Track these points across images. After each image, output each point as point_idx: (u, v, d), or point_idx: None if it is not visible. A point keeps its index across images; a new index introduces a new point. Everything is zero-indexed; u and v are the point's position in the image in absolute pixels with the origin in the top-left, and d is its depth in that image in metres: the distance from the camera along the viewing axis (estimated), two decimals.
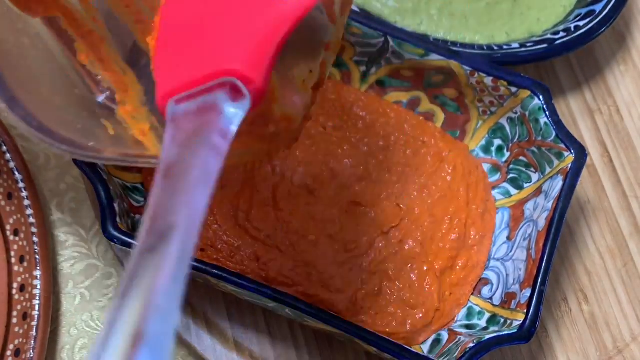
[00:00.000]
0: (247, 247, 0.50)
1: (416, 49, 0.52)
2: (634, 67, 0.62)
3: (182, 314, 0.52)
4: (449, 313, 0.50)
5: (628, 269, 0.56)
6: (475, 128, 0.55)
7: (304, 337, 0.52)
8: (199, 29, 0.29)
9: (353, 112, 0.54)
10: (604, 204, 0.58)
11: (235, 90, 0.26)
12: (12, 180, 0.52)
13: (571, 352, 0.54)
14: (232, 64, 0.26)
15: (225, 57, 0.27)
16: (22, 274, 0.50)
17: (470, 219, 0.53)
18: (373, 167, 0.52)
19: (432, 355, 0.48)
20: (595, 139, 0.59)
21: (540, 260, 0.48)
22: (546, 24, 0.59)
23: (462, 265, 0.52)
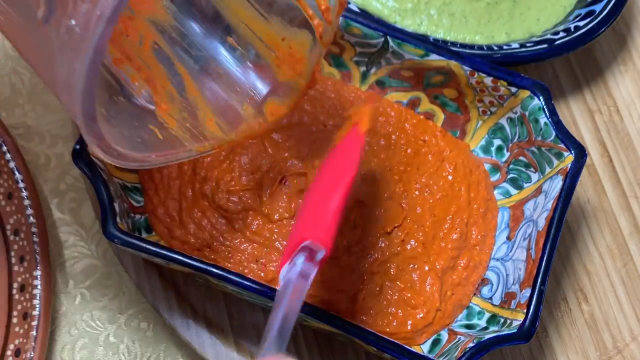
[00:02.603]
0: (245, 248, 0.50)
1: (416, 49, 0.52)
2: (634, 67, 0.62)
3: (182, 314, 0.52)
4: (451, 313, 0.50)
5: (628, 269, 0.56)
6: (475, 128, 0.55)
7: (304, 337, 0.52)
8: (305, 212, 0.44)
9: None
10: (603, 204, 0.58)
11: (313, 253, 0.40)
12: (12, 180, 0.52)
13: (571, 352, 0.54)
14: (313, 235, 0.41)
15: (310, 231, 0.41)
16: (22, 274, 0.50)
17: (472, 219, 0.53)
18: (375, 166, 0.52)
19: (432, 355, 0.48)
20: (595, 139, 0.59)
21: (540, 260, 0.48)
22: (546, 24, 0.59)
23: (463, 265, 0.52)
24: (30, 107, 0.57)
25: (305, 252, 0.40)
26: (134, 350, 0.53)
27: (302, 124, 0.53)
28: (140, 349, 0.53)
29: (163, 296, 0.52)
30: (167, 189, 0.51)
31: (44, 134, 0.56)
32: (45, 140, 0.56)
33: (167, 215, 0.50)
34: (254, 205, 0.50)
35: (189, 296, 0.52)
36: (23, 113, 0.56)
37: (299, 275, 0.40)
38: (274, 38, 0.47)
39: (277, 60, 0.48)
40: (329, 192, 0.42)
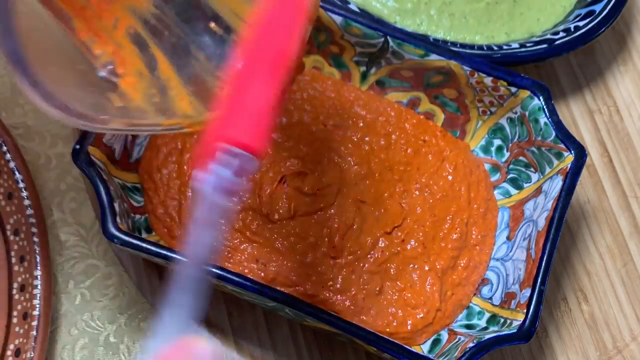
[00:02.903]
0: (245, 248, 0.50)
1: (416, 49, 0.52)
2: (634, 67, 0.62)
3: None
4: (451, 313, 0.50)
5: (628, 269, 0.56)
6: (475, 128, 0.55)
7: (304, 337, 0.52)
8: (228, 103, 0.34)
9: (353, 111, 0.54)
10: (603, 204, 0.58)
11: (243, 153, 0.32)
12: (12, 180, 0.52)
13: (571, 352, 0.54)
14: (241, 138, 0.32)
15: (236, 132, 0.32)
16: (22, 274, 0.50)
17: (472, 219, 0.53)
18: (376, 165, 0.52)
19: (432, 355, 0.48)
20: (595, 139, 0.59)
21: (540, 260, 0.48)
22: (546, 24, 0.59)
23: (464, 265, 0.52)
24: (30, 107, 0.57)
25: (228, 159, 0.32)
26: (134, 350, 0.53)
27: (302, 123, 0.53)
28: (141, 349, 0.53)
29: (163, 296, 0.52)
30: (167, 189, 0.51)
31: (44, 134, 0.56)
32: (46, 140, 0.56)
33: (167, 215, 0.50)
34: (253, 205, 0.50)
35: None
36: (23, 113, 0.56)
37: (221, 192, 0.32)
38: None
39: None
40: (261, 77, 0.33)
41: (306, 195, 0.51)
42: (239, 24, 0.42)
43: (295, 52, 0.34)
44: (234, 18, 0.43)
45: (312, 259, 0.50)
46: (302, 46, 0.36)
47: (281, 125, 0.53)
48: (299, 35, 0.35)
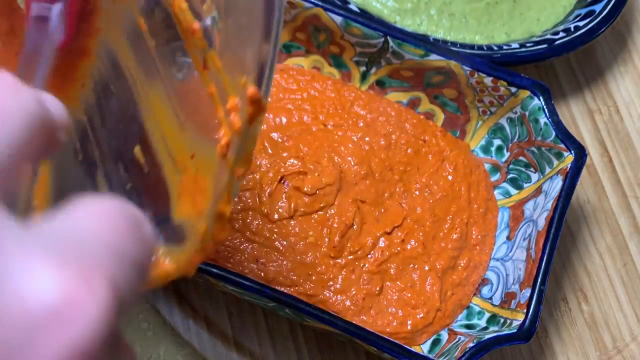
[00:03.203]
0: (245, 248, 0.50)
1: (416, 49, 0.52)
2: (634, 67, 0.62)
3: (182, 314, 0.52)
4: (451, 313, 0.50)
5: (628, 269, 0.56)
6: (475, 128, 0.55)
7: (304, 337, 0.52)
8: None
9: (353, 111, 0.54)
10: (603, 204, 0.58)
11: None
12: None
13: (571, 352, 0.54)
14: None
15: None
16: None
17: (472, 219, 0.53)
18: (376, 165, 0.52)
19: (432, 355, 0.48)
20: (595, 139, 0.59)
21: (540, 260, 0.48)
22: (546, 24, 0.59)
23: (464, 265, 0.52)
24: None
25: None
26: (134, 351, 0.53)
27: (302, 123, 0.53)
28: (140, 349, 0.53)
29: (163, 296, 0.52)
30: None
31: None
32: None
33: None
34: (253, 205, 0.50)
35: (189, 296, 0.52)
36: None
37: (32, 20, 0.32)
38: (184, 154, 0.36)
39: (180, 186, 0.35)
40: None
41: (306, 195, 0.51)
42: (164, 154, 0.37)
43: None
44: (161, 145, 0.37)
45: (312, 259, 0.50)
46: None
47: (281, 125, 0.53)
48: None
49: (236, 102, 0.31)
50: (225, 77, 0.32)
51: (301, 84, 0.54)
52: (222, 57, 0.33)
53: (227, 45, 0.33)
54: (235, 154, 0.31)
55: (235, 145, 0.31)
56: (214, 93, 0.33)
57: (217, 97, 0.33)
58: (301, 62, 0.55)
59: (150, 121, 0.37)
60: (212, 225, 0.32)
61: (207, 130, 0.34)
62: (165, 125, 0.37)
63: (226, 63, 0.33)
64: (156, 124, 0.37)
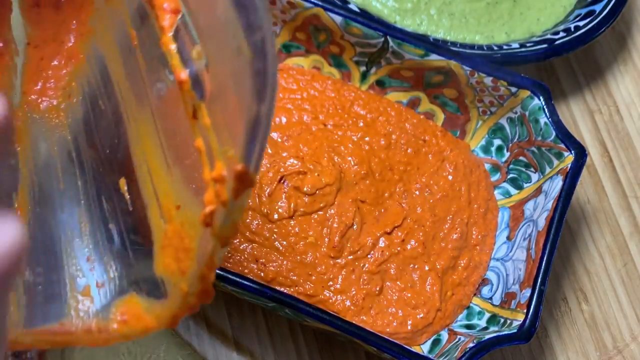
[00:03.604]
0: (245, 248, 0.50)
1: (416, 49, 0.52)
2: (634, 67, 0.62)
3: None
4: (451, 313, 0.50)
5: (628, 269, 0.56)
6: (475, 128, 0.55)
7: (304, 337, 0.52)
8: None
9: (353, 111, 0.54)
10: (604, 204, 0.58)
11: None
12: None
13: (571, 352, 0.54)
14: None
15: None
16: None
17: (472, 219, 0.53)
18: (376, 165, 0.52)
19: (432, 355, 0.48)
20: (595, 139, 0.59)
21: (540, 260, 0.48)
22: (546, 24, 0.59)
23: (464, 265, 0.52)
24: None
25: None
26: (134, 351, 0.53)
27: (302, 123, 0.53)
28: (140, 349, 0.53)
29: None
30: None
31: None
32: None
33: None
34: (253, 205, 0.50)
35: None
36: None
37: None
38: (171, 201, 0.34)
39: (165, 238, 0.33)
40: None
41: (306, 195, 0.51)
42: (152, 199, 0.34)
43: None
44: (148, 186, 0.35)
45: (312, 259, 0.50)
46: None
47: (281, 125, 0.53)
48: None
49: (223, 174, 0.29)
50: (213, 137, 0.30)
51: (301, 84, 0.54)
52: (211, 112, 0.31)
53: (218, 98, 0.31)
54: (220, 224, 0.30)
55: (221, 215, 0.30)
56: (202, 149, 0.31)
57: (204, 155, 0.31)
58: (301, 62, 0.55)
59: (137, 152, 0.35)
60: (195, 287, 0.31)
61: (194, 183, 0.33)
62: (153, 162, 0.35)
63: (215, 120, 0.31)
64: (144, 157, 0.35)
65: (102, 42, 0.37)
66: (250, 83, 0.28)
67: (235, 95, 0.29)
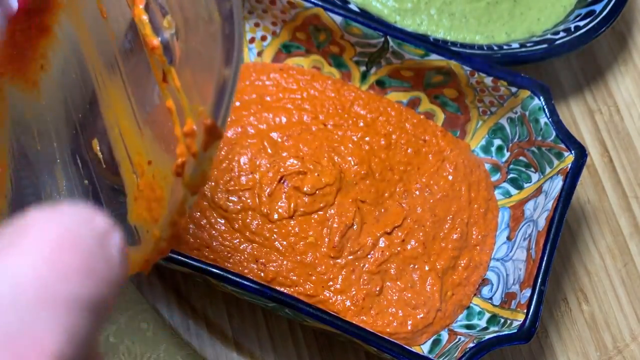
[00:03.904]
0: (244, 248, 0.50)
1: (416, 49, 0.52)
2: (634, 67, 0.62)
3: (182, 314, 0.52)
4: (451, 313, 0.50)
5: (628, 269, 0.56)
6: (475, 128, 0.55)
7: (304, 337, 0.52)
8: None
9: (353, 111, 0.54)
10: (604, 204, 0.58)
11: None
12: None
13: (571, 352, 0.54)
14: None
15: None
16: None
17: (473, 219, 0.53)
18: (376, 165, 0.52)
19: (432, 355, 0.48)
20: (595, 139, 0.59)
21: (540, 260, 0.48)
22: (546, 24, 0.59)
23: (464, 266, 0.52)
24: None
25: None
26: (134, 351, 0.53)
27: (301, 123, 0.53)
28: (140, 349, 0.53)
29: (163, 296, 0.52)
30: None
31: None
32: None
33: None
34: (253, 205, 0.50)
35: (189, 296, 0.52)
36: None
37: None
38: (142, 157, 0.37)
39: (137, 190, 0.36)
40: None
41: (306, 195, 0.51)
42: (124, 157, 0.37)
43: None
44: (120, 145, 0.37)
45: (312, 259, 0.50)
46: None
47: (281, 124, 0.53)
48: None
49: (193, 128, 0.32)
50: (183, 97, 0.33)
51: (301, 84, 0.54)
52: (180, 75, 0.34)
53: (187, 63, 0.34)
54: (190, 174, 0.33)
55: (191, 166, 0.32)
56: (172, 109, 0.34)
57: (175, 114, 0.34)
58: (301, 61, 0.55)
59: (109, 116, 0.38)
60: (167, 232, 0.34)
61: (164, 140, 0.35)
62: (124, 124, 0.37)
63: (184, 82, 0.34)
64: (115, 120, 0.38)
65: (71, 16, 0.39)
66: (220, 47, 0.31)
67: (205, 59, 0.33)
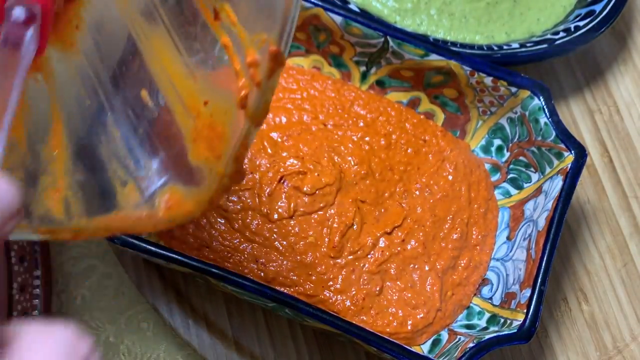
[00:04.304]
0: (244, 248, 0.50)
1: (416, 49, 0.52)
2: (634, 67, 0.62)
3: (182, 314, 0.52)
4: (451, 313, 0.50)
5: (628, 269, 0.56)
6: (475, 128, 0.55)
7: (304, 337, 0.52)
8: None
9: (353, 111, 0.54)
10: (604, 204, 0.58)
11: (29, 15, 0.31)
12: None
13: (571, 352, 0.54)
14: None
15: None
16: (22, 274, 0.50)
17: (473, 219, 0.53)
18: (376, 165, 0.52)
19: (432, 355, 0.48)
20: (595, 139, 0.59)
21: (540, 260, 0.48)
22: (546, 24, 0.59)
23: (464, 265, 0.52)
24: None
25: (13, 14, 0.32)
26: (134, 351, 0.53)
27: (301, 123, 0.53)
28: (140, 349, 0.53)
29: (163, 296, 0.52)
30: None
31: None
32: None
33: None
34: (253, 205, 0.50)
35: (189, 296, 0.52)
36: None
37: (3, 43, 0.31)
38: (196, 100, 0.36)
39: (195, 132, 0.36)
40: None
41: (306, 195, 0.51)
42: (175, 101, 0.37)
43: None
44: (170, 90, 0.37)
45: (312, 259, 0.50)
46: None
47: (281, 124, 0.53)
48: None
49: (256, 58, 0.32)
50: (240, 30, 0.33)
51: (301, 84, 0.54)
52: (236, 10, 0.34)
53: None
54: (255, 105, 0.33)
55: (255, 96, 0.33)
56: (228, 44, 0.34)
57: (232, 49, 0.34)
58: (301, 61, 0.55)
59: (155, 66, 0.37)
60: (231, 168, 0.34)
61: (217, 78, 0.35)
62: (172, 69, 0.37)
63: (241, 16, 0.34)
64: (162, 69, 0.37)
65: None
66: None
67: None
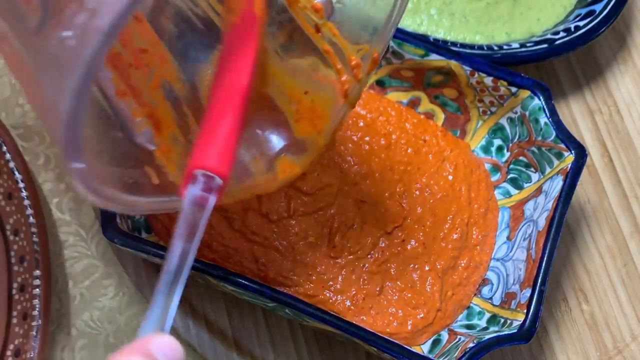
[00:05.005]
0: (244, 248, 0.50)
1: (416, 49, 0.52)
2: (634, 67, 0.62)
3: (182, 314, 0.52)
4: (451, 313, 0.50)
5: (628, 269, 0.56)
6: (475, 128, 0.55)
7: (304, 337, 0.52)
8: (200, 137, 0.38)
9: (353, 110, 0.54)
10: (604, 204, 0.58)
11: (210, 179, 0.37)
12: (12, 180, 0.52)
13: (571, 352, 0.54)
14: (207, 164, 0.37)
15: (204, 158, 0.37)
16: (22, 274, 0.50)
17: (473, 219, 0.53)
18: (376, 165, 0.52)
19: (432, 355, 0.48)
20: (595, 139, 0.59)
21: (540, 260, 0.48)
22: (546, 24, 0.59)
23: (464, 265, 0.52)
24: (30, 107, 0.57)
25: (200, 182, 0.37)
26: None
27: None
28: None
29: None
30: None
31: (44, 134, 0.56)
32: (45, 140, 0.56)
33: (167, 215, 0.50)
34: (253, 205, 0.50)
35: (189, 296, 0.52)
36: (23, 113, 0.56)
37: (192, 204, 0.36)
38: (297, 90, 0.44)
39: (297, 114, 0.45)
40: (221, 112, 0.38)
41: (306, 194, 0.51)
42: (277, 92, 0.45)
43: (248, 87, 0.38)
44: (272, 84, 0.45)
45: (312, 259, 0.50)
46: (254, 79, 0.39)
47: None
48: (250, 71, 0.38)
49: (359, 61, 0.43)
50: (342, 41, 0.44)
51: None
52: (340, 28, 0.43)
53: (346, 18, 0.44)
54: (355, 94, 0.44)
55: (354, 88, 0.44)
56: (330, 50, 0.44)
57: (333, 54, 0.44)
58: None
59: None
60: (327, 139, 0.44)
61: (315, 75, 0.45)
62: (274, 69, 0.45)
63: (345, 32, 0.44)
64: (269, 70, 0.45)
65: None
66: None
67: (368, 9, 0.44)
